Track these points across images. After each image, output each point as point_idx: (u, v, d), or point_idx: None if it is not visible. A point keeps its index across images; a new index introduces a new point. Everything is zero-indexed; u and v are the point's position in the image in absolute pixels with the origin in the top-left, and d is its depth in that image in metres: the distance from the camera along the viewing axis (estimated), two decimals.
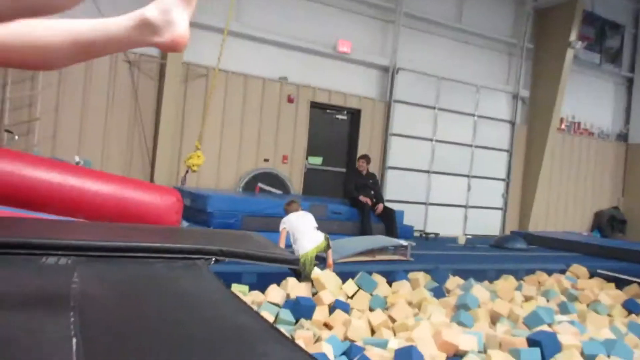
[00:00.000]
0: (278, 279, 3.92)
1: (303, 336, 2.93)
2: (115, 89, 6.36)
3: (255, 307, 3.15)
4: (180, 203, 3.04)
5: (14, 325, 0.88)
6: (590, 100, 10.62)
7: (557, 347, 3.05)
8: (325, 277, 3.96)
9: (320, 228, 4.50)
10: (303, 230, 4.52)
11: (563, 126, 10.28)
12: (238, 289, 3.78)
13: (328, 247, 4.56)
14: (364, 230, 6.06)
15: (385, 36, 8.32)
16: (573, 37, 9.24)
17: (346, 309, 3.60)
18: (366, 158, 6.70)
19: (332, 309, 3.59)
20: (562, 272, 5.62)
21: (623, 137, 11.31)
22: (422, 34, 8.63)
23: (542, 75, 9.58)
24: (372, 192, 6.57)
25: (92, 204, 2.75)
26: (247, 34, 7.11)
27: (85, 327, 0.93)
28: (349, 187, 6.54)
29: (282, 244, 4.42)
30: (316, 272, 4.01)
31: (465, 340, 3.10)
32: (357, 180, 6.54)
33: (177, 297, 1.23)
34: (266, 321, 1.15)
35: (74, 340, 0.86)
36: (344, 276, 4.31)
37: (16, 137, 5.70)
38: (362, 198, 6.29)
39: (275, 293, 3.68)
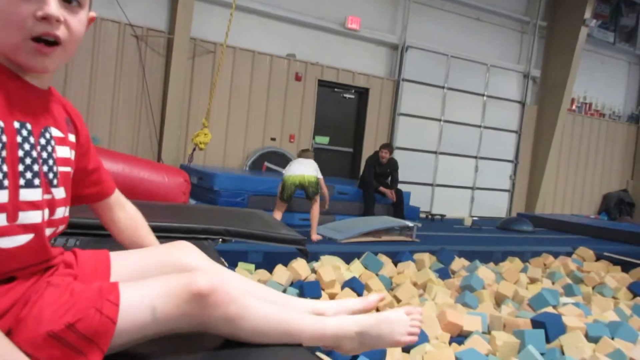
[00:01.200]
0: (285, 258, 3.94)
1: None
2: (123, 65, 6.32)
3: None
4: (187, 184, 3.06)
5: None
6: (602, 80, 10.43)
7: (562, 329, 3.06)
8: (323, 263, 3.94)
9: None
10: (296, 162, 4.84)
11: (574, 107, 10.12)
12: (244, 267, 3.81)
13: (316, 191, 4.58)
14: (367, 210, 6.04)
15: (395, 13, 8.17)
16: (588, 14, 9.01)
17: (360, 289, 3.60)
18: (389, 147, 6.43)
19: (342, 287, 3.61)
20: (568, 254, 5.61)
21: (635, 118, 11.13)
22: (433, 11, 8.45)
23: (555, 54, 9.39)
24: (389, 178, 6.46)
25: None
26: (255, 9, 7.00)
27: None
28: (367, 175, 6.30)
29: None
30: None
31: (470, 321, 3.12)
32: (377, 169, 6.31)
33: None
34: None
35: None
36: (350, 256, 4.33)
37: None
38: (384, 190, 6.19)
39: (281, 273, 3.70)
